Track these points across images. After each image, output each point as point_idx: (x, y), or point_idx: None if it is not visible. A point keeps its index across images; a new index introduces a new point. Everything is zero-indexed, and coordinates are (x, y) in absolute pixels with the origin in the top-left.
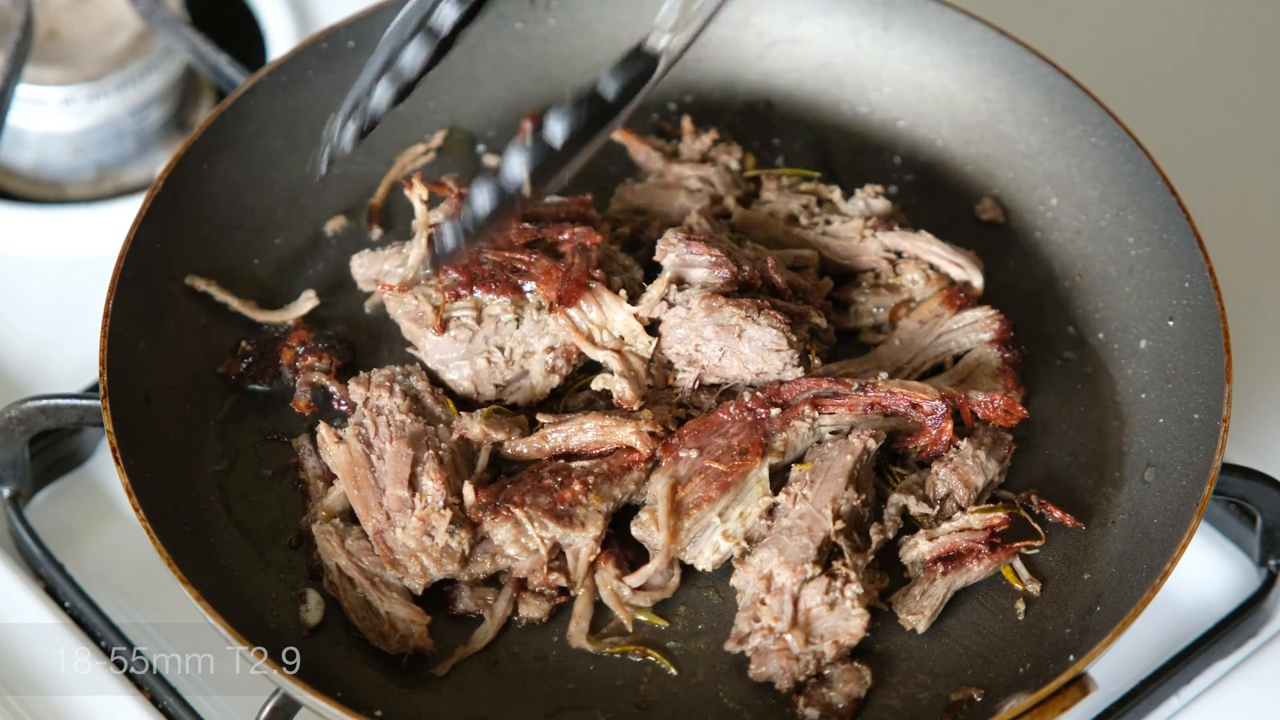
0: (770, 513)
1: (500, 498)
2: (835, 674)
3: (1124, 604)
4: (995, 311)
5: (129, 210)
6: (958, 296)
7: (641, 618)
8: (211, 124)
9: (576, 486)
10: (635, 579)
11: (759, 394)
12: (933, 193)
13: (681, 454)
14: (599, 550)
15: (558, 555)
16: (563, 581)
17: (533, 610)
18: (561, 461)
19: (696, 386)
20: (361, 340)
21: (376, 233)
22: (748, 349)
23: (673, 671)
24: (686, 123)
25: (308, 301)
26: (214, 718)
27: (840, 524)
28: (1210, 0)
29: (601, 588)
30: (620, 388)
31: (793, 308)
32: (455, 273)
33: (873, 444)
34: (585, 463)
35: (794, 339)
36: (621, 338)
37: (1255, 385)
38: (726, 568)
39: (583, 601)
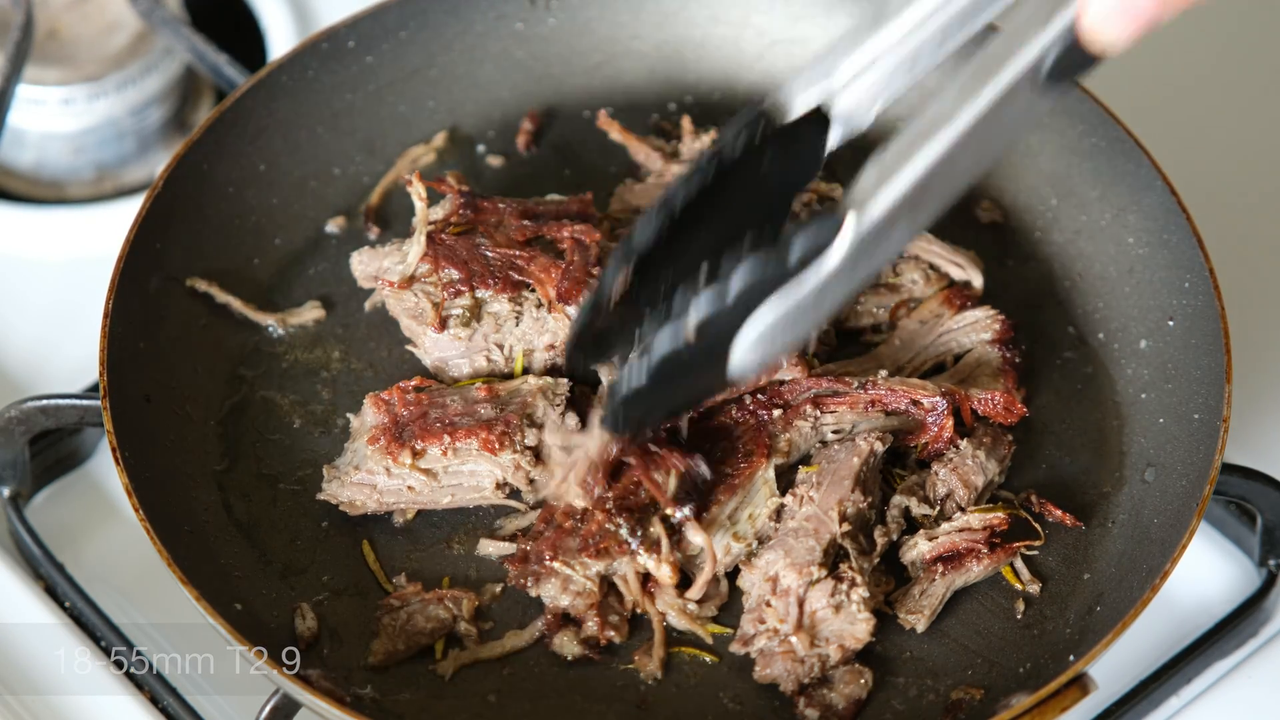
0: (779, 514)
1: (532, 559)
2: (836, 675)
3: (1124, 604)
4: (995, 311)
5: (129, 210)
6: (958, 296)
7: (714, 629)
8: (211, 124)
9: (599, 517)
10: (695, 592)
11: (759, 396)
12: None
13: None
14: (665, 564)
15: (609, 589)
16: (613, 629)
17: (567, 649)
18: (567, 505)
19: None
20: (360, 338)
21: (375, 232)
22: None
23: (708, 659)
24: (686, 123)
25: (312, 310)
26: (214, 718)
27: (846, 526)
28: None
29: (671, 611)
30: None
31: None
32: (455, 270)
33: (880, 446)
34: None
35: None
36: None
37: (1255, 385)
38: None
39: (657, 633)
